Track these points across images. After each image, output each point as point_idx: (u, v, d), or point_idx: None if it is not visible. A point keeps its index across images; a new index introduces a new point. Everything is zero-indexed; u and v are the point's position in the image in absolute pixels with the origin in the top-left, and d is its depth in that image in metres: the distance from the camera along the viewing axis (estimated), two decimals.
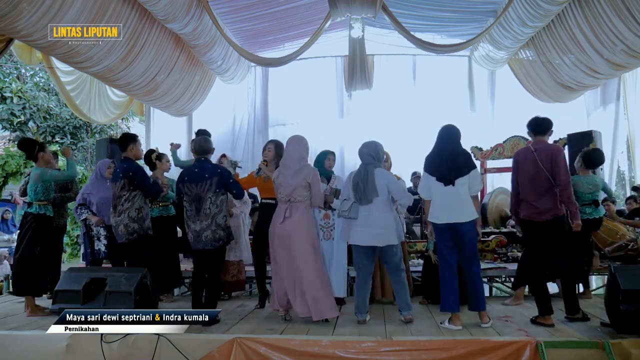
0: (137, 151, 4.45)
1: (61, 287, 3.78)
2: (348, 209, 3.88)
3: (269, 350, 3.29)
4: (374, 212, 3.87)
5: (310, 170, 4.01)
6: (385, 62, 9.99)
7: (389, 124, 9.53)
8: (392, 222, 3.92)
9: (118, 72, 6.78)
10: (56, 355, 3.48)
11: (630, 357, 3.15)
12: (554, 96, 8.63)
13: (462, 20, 8.54)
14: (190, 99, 9.11)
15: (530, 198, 3.86)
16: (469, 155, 3.94)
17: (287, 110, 10.18)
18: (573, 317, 3.85)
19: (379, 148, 4.06)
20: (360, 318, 3.97)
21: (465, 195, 3.76)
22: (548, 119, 4.01)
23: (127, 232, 4.21)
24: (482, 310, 3.78)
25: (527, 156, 3.91)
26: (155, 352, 3.37)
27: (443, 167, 3.80)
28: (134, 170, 4.25)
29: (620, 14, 5.99)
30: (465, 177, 3.75)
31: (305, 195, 3.95)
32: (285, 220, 3.91)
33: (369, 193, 3.86)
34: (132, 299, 3.57)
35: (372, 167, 3.95)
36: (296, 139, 4.11)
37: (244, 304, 4.90)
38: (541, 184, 3.81)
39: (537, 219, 3.83)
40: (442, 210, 3.78)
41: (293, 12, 8.34)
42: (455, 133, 3.92)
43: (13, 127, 12.38)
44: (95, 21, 5.67)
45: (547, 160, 3.80)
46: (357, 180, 3.93)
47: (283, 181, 3.97)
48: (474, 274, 3.79)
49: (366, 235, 3.87)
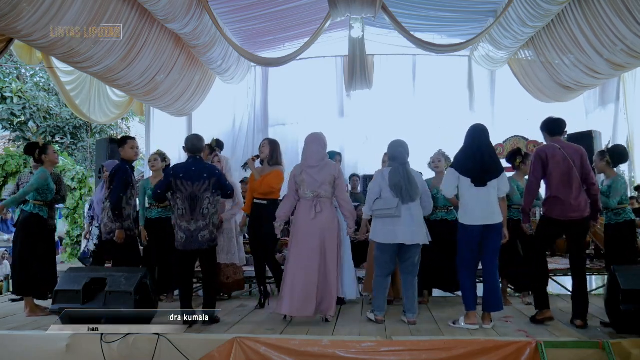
0: (125, 153, 4.50)
1: (61, 287, 3.78)
2: (396, 207, 3.86)
3: (269, 350, 3.30)
4: (415, 211, 3.93)
5: (335, 167, 4.09)
6: (385, 62, 9.98)
7: (389, 124, 9.51)
8: (423, 221, 4.02)
9: (118, 72, 6.78)
10: (56, 355, 3.48)
11: (630, 357, 3.15)
12: (553, 96, 8.63)
13: (462, 20, 8.53)
14: (190, 99, 9.10)
15: (565, 196, 3.77)
16: (498, 157, 3.95)
17: (287, 110, 10.18)
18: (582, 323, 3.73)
19: (408, 147, 4.12)
20: (379, 316, 3.99)
21: (495, 197, 3.78)
22: (562, 119, 3.99)
23: (105, 232, 4.37)
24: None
25: (556, 153, 3.82)
26: (155, 352, 3.37)
27: (477, 167, 3.78)
28: (114, 171, 4.38)
29: (620, 14, 5.99)
30: (496, 179, 3.77)
31: (330, 192, 4.01)
32: (317, 215, 3.93)
33: (413, 192, 3.91)
34: (132, 299, 3.58)
35: (409, 166, 4.03)
36: (316, 137, 4.13)
37: (244, 304, 4.90)
38: (575, 182, 3.76)
39: (572, 217, 3.76)
40: (476, 212, 3.77)
41: (293, 12, 8.33)
42: (487, 134, 3.92)
43: (13, 127, 12.39)
44: (95, 21, 5.66)
45: (578, 159, 3.77)
46: (399, 179, 3.93)
47: (307, 178, 3.98)
48: (494, 275, 3.81)
49: (410, 234, 3.89)
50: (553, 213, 3.83)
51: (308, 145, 4.10)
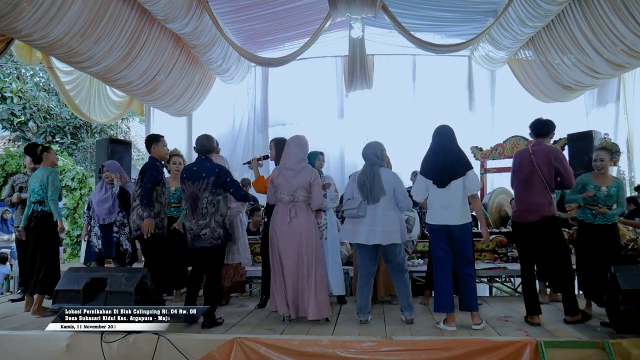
0: (159, 151, 4.49)
1: (61, 286, 3.77)
2: (357, 207, 3.87)
3: (269, 350, 3.30)
4: (380, 211, 3.89)
5: (312, 172, 4.04)
6: (385, 62, 9.99)
7: (389, 124, 9.54)
8: (397, 221, 3.94)
9: (118, 72, 6.78)
10: (56, 355, 3.49)
11: (630, 357, 3.15)
12: (553, 96, 8.63)
13: (462, 20, 8.53)
14: (190, 99, 9.11)
15: (522, 198, 3.90)
16: (464, 156, 3.91)
17: (287, 110, 10.19)
18: (573, 319, 3.78)
19: (382, 148, 4.09)
20: (362, 318, 3.98)
21: (460, 197, 3.76)
22: (550, 121, 4.00)
23: (134, 228, 4.38)
24: (474, 310, 3.78)
25: (524, 157, 3.94)
26: (155, 352, 3.37)
27: (437, 168, 3.80)
28: (144, 169, 4.37)
29: (620, 14, 5.99)
30: (460, 179, 3.75)
31: (306, 196, 4.00)
32: (292, 220, 3.93)
33: (376, 192, 3.88)
34: (133, 298, 3.58)
35: (378, 166, 3.98)
36: (296, 140, 4.13)
37: (244, 304, 4.90)
38: (535, 184, 3.82)
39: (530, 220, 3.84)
40: (437, 212, 3.80)
41: (293, 12, 8.33)
42: (449, 133, 3.90)
43: (13, 127, 12.40)
44: (95, 21, 5.67)
45: (545, 162, 3.80)
46: (364, 179, 3.93)
47: (283, 181, 3.98)
48: (466, 275, 3.80)
49: (372, 234, 3.87)
50: (514, 216, 4.01)
51: (288, 147, 4.11)
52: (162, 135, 4.60)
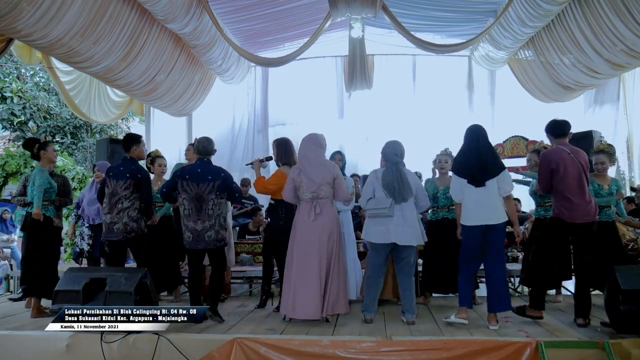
0: (140, 152, 4.54)
1: (61, 287, 3.77)
2: (389, 207, 3.86)
3: (269, 350, 3.29)
4: (407, 211, 3.91)
5: (333, 166, 4.07)
6: (385, 62, 9.97)
7: (389, 124, 9.51)
8: (418, 221, 4.00)
9: (118, 72, 6.78)
10: (56, 355, 3.48)
11: (630, 357, 3.14)
12: (553, 96, 8.63)
13: (462, 20, 8.53)
14: (190, 99, 9.10)
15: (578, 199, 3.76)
16: (497, 155, 3.93)
17: (287, 110, 10.17)
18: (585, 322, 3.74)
19: (402, 147, 4.11)
20: (367, 317, 3.98)
21: (496, 197, 3.75)
22: (566, 121, 3.97)
23: (125, 231, 4.28)
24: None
25: (564, 156, 3.79)
26: (155, 352, 3.37)
27: (473, 168, 3.78)
28: (142, 176, 4.36)
29: (620, 14, 5.99)
30: (495, 178, 3.74)
31: (329, 192, 3.99)
32: (317, 217, 3.91)
33: (406, 192, 3.89)
34: (132, 299, 3.57)
35: (402, 165, 4.01)
36: (311, 138, 4.13)
37: (244, 304, 4.90)
38: (584, 186, 3.78)
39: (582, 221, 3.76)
40: (474, 212, 3.76)
41: (293, 12, 8.33)
42: (482, 133, 3.90)
43: (13, 127, 12.39)
44: (95, 21, 5.66)
45: (584, 163, 3.79)
46: (391, 179, 3.93)
47: (305, 179, 3.97)
48: (499, 275, 3.79)
49: (401, 234, 3.88)
50: (565, 216, 3.79)
51: (302, 145, 4.11)
52: (141, 136, 4.67)
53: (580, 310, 3.78)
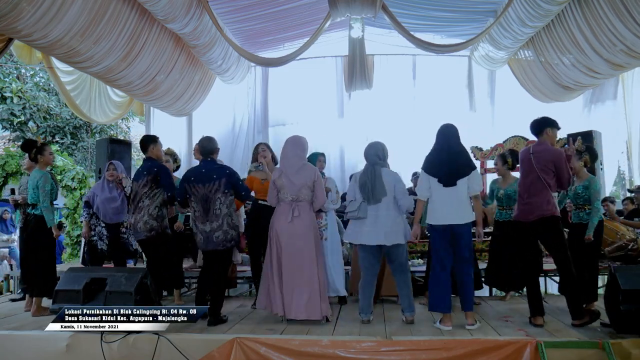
0: (157, 151, 4.59)
1: (61, 287, 3.77)
2: (357, 209, 3.88)
3: (269, 350, 3.30)
4: (382, 212, 3.89)
5: (314, 170, 4.05)
6: (385, 62, 9.98)
7: (389, 124, 9.52)
8: (400, 221, 3.95)
9: (118, 72, 6.78)
10: (56, 355, 3.49)
11: (630, 357, 3.15)
12: (552, 96, 8.63)
13: (462, 20, 8.53)
14: (190, 99, 9.10)
15: (528, 199, 3.85)
16: (468, 155, 3.94)
17: (287, 110, 10.17)
18: (581, 322, 3.72)
19: (384, 148, 4.09)
20: (364, 318, 3.98)
21: (465, 196, 3.77)
22: (542, 118, 4.00)
23: (146, 229, 4.32)
24: (470, 310, 3.78)
25: (525, 157, 3.94)
26: (155, 352, 3.37)
27: (443, 167, 3.79)
28: (159, 168, 4.41)
29: (620, 15, 5.98)
30: (466, 177, 3.75)
31: (309, 195, 3.99)
32: (294, 219, 3.92)
33: (378, 192, 3.87)
34: (132, 298, 3.58)
35: (379, 166, 3.98)
36: (294, 140, 4.13)
37: (244, 304, 4.90)
38: (533, 183, 3.81)
39: (529, 219, 3.83)
40: (441, 212, 3.77)
41: (293, 12, 8.33)
42: (454, 132, 3.91)
43: (13, 127, 12.39)
44: (95, 21, 5.66)
45: (543, 162, 3.79)
46: (365, 180, 3.93)
47: (286, 182, 3.97)
48: (466, 276, 3.79)
49: (374, 234, 3.87)
50: (516, 215, 3.98)
51: (285, 146, 4.11)
52: (157, 136, 4.71)
53: (573, 311, 3.76)
